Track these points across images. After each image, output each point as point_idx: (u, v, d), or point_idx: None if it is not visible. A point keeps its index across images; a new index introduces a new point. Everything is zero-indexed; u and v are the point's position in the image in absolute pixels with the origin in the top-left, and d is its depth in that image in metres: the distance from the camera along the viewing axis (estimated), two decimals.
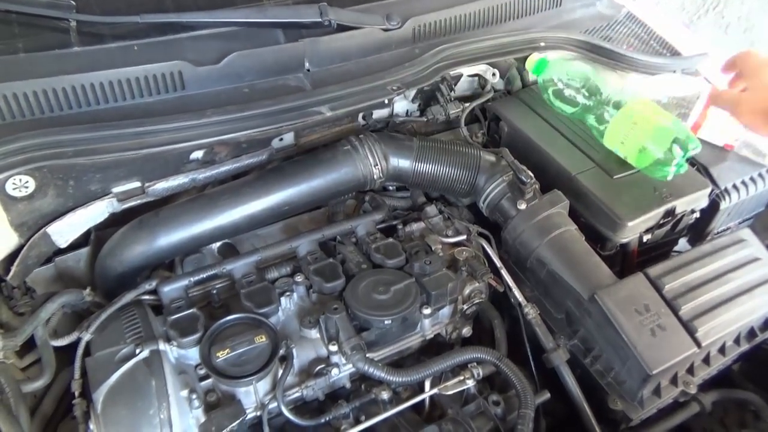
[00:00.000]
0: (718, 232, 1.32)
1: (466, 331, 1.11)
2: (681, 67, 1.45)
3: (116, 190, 1.05)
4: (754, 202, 1.32)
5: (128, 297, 0.99)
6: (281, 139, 1.16)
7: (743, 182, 1.25)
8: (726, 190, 1.23)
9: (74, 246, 1.08)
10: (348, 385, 1.01)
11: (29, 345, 0.97)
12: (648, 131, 1.10)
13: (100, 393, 0.85)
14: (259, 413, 0.91)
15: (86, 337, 0.93)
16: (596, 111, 1.18)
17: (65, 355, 0.97)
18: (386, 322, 0.96)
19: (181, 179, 1.09)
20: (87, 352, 0.92)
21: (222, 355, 0.90)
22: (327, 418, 0.93)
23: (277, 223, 1.24)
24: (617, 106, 1.15)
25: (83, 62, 1.06)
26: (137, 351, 0.89)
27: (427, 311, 1.02)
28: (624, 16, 1.58)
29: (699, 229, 1.28)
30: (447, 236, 1.16)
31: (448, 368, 0.97)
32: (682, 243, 1.33)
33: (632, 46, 1.47)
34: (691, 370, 1.03)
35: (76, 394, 0.90)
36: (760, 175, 1.27)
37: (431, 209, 1.23)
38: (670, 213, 1.15)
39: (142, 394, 0.85)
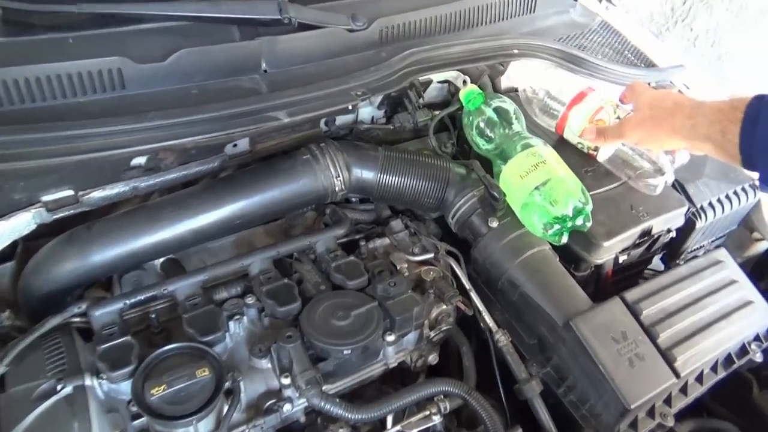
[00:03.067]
0: (692, 251, 1.28)
1: (432, 358, 1.03)
2: (656, 78, 1.41)
3: (45, 198, 0.93)
4: (728, 221, 1.28)
5: (52, 322, 0.87)
6: (235, 145, 1.05)
7: (719, 200, 1.21)
8: (702, 208, 1.19)
9: None
10: (302, 419, 0.92)
11: None
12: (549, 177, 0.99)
13: None
14: None
15: (0, 369, 0.81)
16: (508, 150, 1.06)
17: None
18: (345, 352, 0.88)
19: (121, 187, 0.98)
20: (1, 387, 0.80)
21: (157, 392, 0.79)
22: None
23: (230, 235, 1.13)
24: (525, 147, 1.04)
25: (7, 55, 0.94)
26: (59, 387, 0.78)
27: (390, 338, 0.93)
28: (598, 25, 1.54)
29: (673, 248, 1.24)
30: (413, 254, 1.08)
31: (413, 402, 0.89)
32: (655, 261, 1.28)
33: (608, 57, 1.42)
34: (668, 401, 0.98)
35: None
36: (735, 193, 1.24)
37: (396, 224, 1.15)
38: (647, 233, 1.10)
39: None
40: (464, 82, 1.25)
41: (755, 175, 1.29)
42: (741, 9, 2.72)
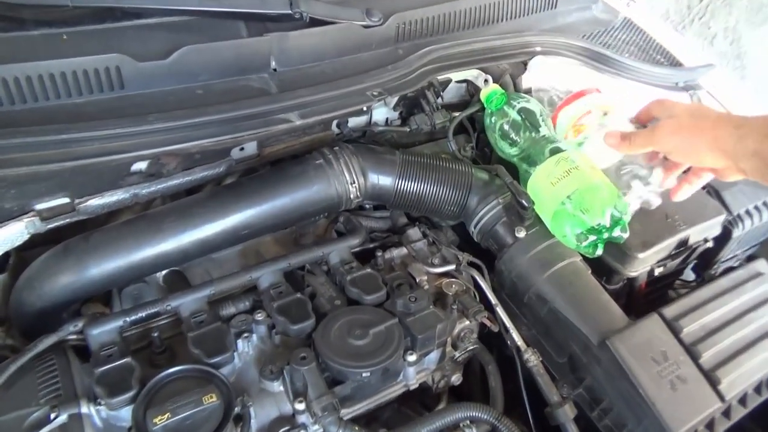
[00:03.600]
0: (725, 260, 1.21)
1: (456, 378, 0.97)
2: (684, 78, 1.34)
3: (39, 207, 0.86)
4: (763, 229, 1.21)
5: (46, 342, 0.80)
6: (242, 149, 0.99)
7: (756, 207, 1.15)
8: (739, 216, 1.12)
9: None
10: None
11: None
12: (583, 181, 0.92)
13: None
14: None
15: None
16: (535, 155, 1.00)
17: None
18: (365, 374, 0.81)
19: (120, 195, 0.91)
20: None
21: (161, 422, 0.72)
22: None
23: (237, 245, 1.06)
24: (555, 152, 0.98)
25: None
26: (52, 415, 0.72)
27: (412, 358, 0.86)
28: (621, 23, 1.47)
29: (707, 258, 1.17)
30: (433, 265, 1.01)
31: (438, 429, 0.82)
32: (687, 271, 1.22)
33: (633, 55, 1.35)
34: (711, 426, 0.90)
35: None
36: None
37: (414, 232, 1.08)
38: (683, 243, 1.03)
39: None
40: (485, 81, 1.18)
41: None
42: (762, 5, 2.64)
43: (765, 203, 1.16)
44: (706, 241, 1.08)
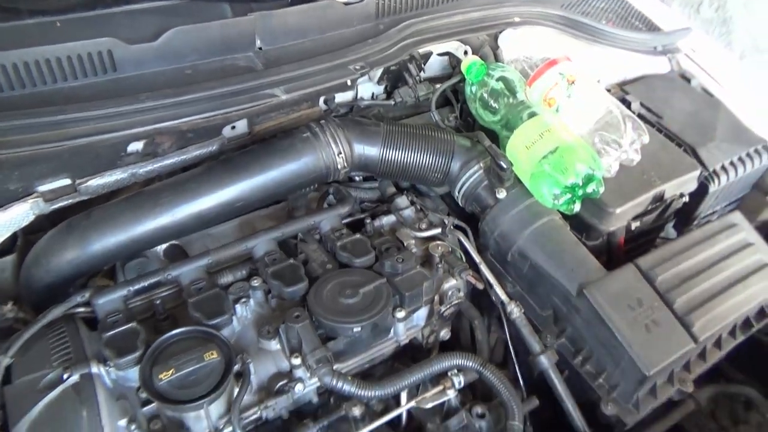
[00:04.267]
0: (704, 217, 1.25)
1: (444, 333, 1.02)
2: (662, 43, 1.38)
3: (42, 188, 0.91)
4: (741, 184, 1.26)
5: (56, 312, 0.86)
6: (233, 128, 1.03)
7: (732, 163, 1.19)
8: (715, 171, 1.16)
9: None
10: (315, 399, 0.91)
11: None
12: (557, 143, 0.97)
13: (21, 427, 0.73)
14: None
15: (5, 361, 0.80)
16: (513, 120, 1.04)
17: None
18: (355, 329, 0.86)
19: (119, 174, 0.96)
20: (7, 379, 0.79)
21: (166, 377, 0.78)
22: None
23: (232, 220, 1.11)
24: (531, 116, 1.02)
25: None
26: (65, 376, 0.77)
27: (400, 315, 0.91)
28: None
29: (685, 214, 1.21)
30: (420, 230, 1.06)
31: (427, 378, 0.87)
32: (668, 229, 1.26)
33: (611, 22, 1.39)
34: (687, 367, 0.96)
35: None
36: (748, 155, 1.21)
37: (402, 200, 1.13)
38: (659, 198, 1.07)
39: (70, 426, 0.73)
40: (465, 52, 1.22)
41: (767, 135, 1.27)
42: None
43: (741, 159, 1.20)
44: (681, 196, 1.11)
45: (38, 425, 0.73)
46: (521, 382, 0.97)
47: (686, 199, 1.13)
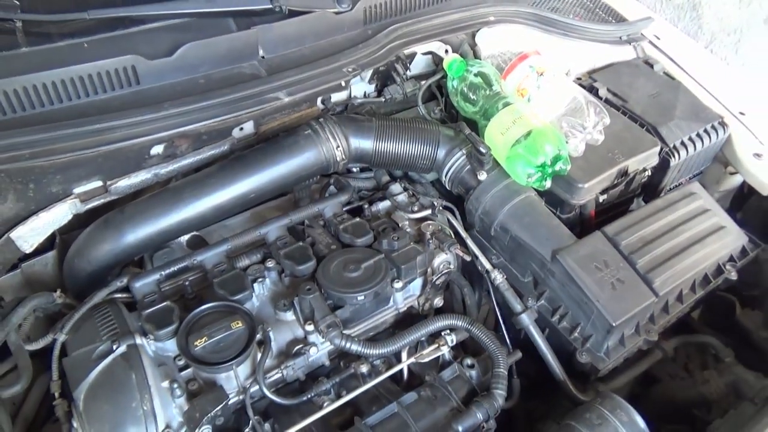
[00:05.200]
0: (669, 189, 1.38)
1: (438, 301, 1.15)
2: (627, 32, 1.50)
3: (78, 190, 1.04)
4: (702, 157, 1.38)
5: (100, 295, 0.99)
6: (241, 129, 1.16)
7: (690, 138, 1.31)
8: (675, 147, 1.28)
9: (39, 250, 1.07)
10: (327, 363, 1.04)
11: (3, 353, 0.96)
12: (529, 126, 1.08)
13: (80, 391, 0.86)
14: (241, 397, 0.93)
15: (61, 338, 0.93)
16: (491, 110, 1.16)
17: (42, 362, 0.96)
18: (359, 298, 0.99)
19: (144, 175, 1.09)
20: (63, 353, 0.92)
21: (200, 344, 0.91)
22: (309, 396, 0.95)
23: (245, 212, 1.24)
24: (506, 105, 1.14)
25: (32, 62, 1.05)
26: (114, 347, 0.90)
27: (398, 285, 1.05)
28: None
29: (652, 187, 1.33)
30: (412, 212, 1.19)
31: (423, 337, 1.00)
32: (639, 203, 1.38)
33: (579, 16, 1.51)
34: (652, 319, 1.09)
35: (56, 395, 0.90)
36: (705, 131, 1.33)
37: (396, 187, 1.26)
38: (623, 173, 1.20)
39: (123, 388, 0.86)
40: (446, 51, 1.35)
41: (723, 112, 1.39)
42: None
43: (698, 134, 1.32)
44: (645, 170, 1.24)
45: (95, 388, 0.86)
46: (508, 341, 1.10)
47: (649, 173, 1.26)
